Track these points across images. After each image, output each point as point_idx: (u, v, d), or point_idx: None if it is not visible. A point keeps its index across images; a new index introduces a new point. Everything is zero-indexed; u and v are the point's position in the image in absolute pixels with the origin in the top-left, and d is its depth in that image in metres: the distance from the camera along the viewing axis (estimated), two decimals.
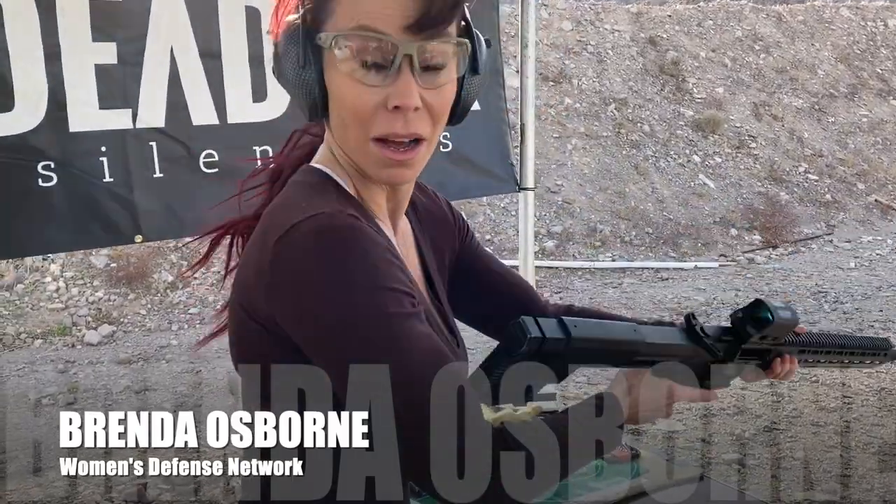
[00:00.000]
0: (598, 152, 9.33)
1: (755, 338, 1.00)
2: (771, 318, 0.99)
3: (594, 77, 10.40)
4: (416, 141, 0.81)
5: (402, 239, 0.95)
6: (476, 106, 2.64)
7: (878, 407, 3.84)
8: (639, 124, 9.97)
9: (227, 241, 0.94)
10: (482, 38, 0.86)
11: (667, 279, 7.03)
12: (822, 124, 11.49)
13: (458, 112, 0.87)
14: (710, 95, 10.89)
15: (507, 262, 1.19)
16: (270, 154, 2.01)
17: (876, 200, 10.00)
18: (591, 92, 10.18)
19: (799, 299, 6.18)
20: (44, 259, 5.70)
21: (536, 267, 6.77)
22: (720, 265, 7.51)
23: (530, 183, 2.63)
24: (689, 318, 0.98)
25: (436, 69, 0.80)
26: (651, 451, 1.63)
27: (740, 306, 1.03)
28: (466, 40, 0.82)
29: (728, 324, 1.03)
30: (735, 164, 9.95)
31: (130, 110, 2.02)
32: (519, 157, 2.64)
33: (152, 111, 2.03)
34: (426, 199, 1.05)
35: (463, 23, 0.83)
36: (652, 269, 7.32)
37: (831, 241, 8.65)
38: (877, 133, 11.56)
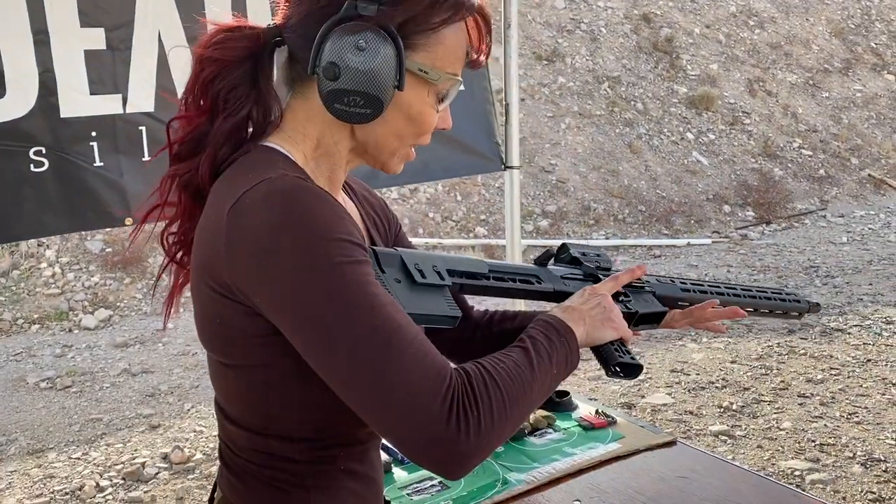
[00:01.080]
0: (591, 131, 9.34)
1: (577, 254, 1.18)
2: (566, 244, 1.20)
3: (587, 55, 10.38)
4: None
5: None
6: (461, 85, 2.68)
7: (863, 378, 3.91)
8: (632, 102, 9.96)
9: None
10: None
11: (659, 256, 7.08)
12: (817, 99, 11.48)
13: None
14: (703, 72, 10.88)
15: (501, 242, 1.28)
16: None
17: (869, 175, 10.03)
18: (585, 70, 10.17)
19: (791, 274, 6.24)
20: (39, 245, 5.74)
21: (530, 246, 6.82)
22: (713, 242, 7.56)
23: (516, 162, 2.67)
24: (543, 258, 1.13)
25: None
26: (627, 418, 1.69)
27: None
28: None
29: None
30: (729, 140, 9.97)
31: (121, 95, 2.05)
32: (504, 136, 2.67)
33: (142, 96, 2.06)
34: (364, 191, 1.14)
35: None
36: (645, 246, 7.37)
37: (824, 217, 8.69)
38: (871, 108, 11.55)
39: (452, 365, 0.82)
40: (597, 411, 1.70)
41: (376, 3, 0.85)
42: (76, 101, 1.96)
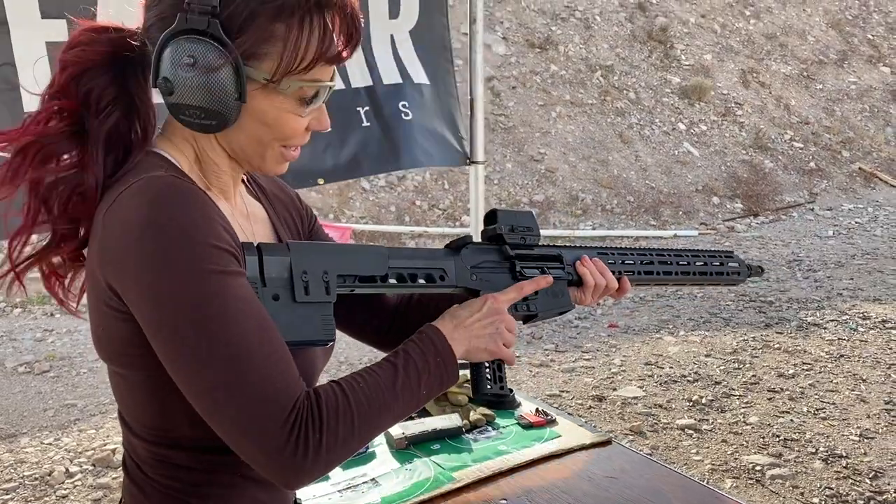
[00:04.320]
0: (582, 120, 9.32)
1: (504, 231, 1.16)
2: (495, 210, 1.17)
3: (581, 43, 10.34)
4: None
5: (252, 219, 1.02)
6: (425, 80, 2.68)
7: (834, 373, 3.93)
8: (625, 91, 9.94)
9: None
10: None
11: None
12: (810, 91, 11.45)
13: None
14: (697, 62, 10.84)
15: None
16: None
17: (860, 168, 10.02)
18: (578, 59, 10.13)
19: (774, 267, 6.25)
20: None
21: None
22: (700, 233, 7.57)
23: (480, 157, 2.67)
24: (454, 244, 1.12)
25: None
26: (567, 417, 1.70)
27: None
28: None
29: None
30: (720, 131, 9.95)
31: None
32: (469, 131, 2.67)
33: None
34: (275, 187, 1.13)
35: None
36: (631, 237, 7.38)
37: (812, 210, 8.70)
38: (864, 100, 11.53)
39: (304, 387, 0.83)
40: (537, 410, 1.72)
41: (208, 14, 0.82)
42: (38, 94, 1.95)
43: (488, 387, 1.07)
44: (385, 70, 2.49)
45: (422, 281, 1.06)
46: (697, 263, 1.38)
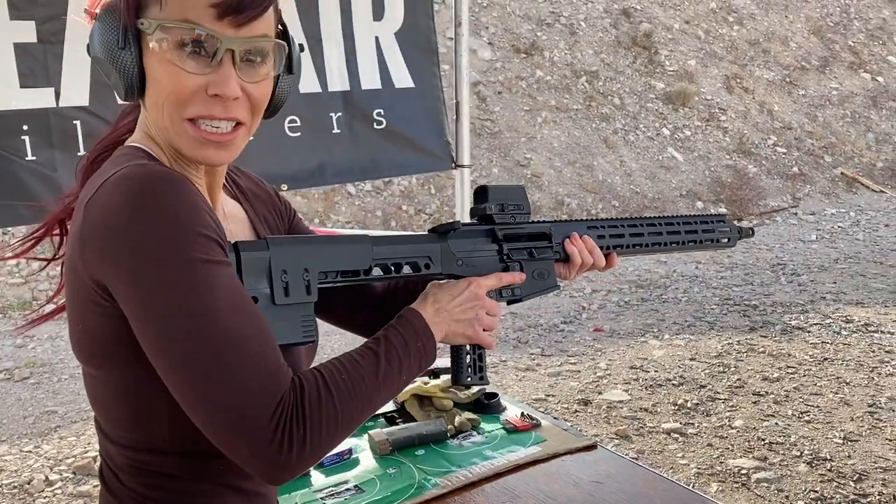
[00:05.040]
0: (567, 125, 9.34)
1: (493, 211, 1.13)
2: (486, 187, 1.14)
3: (566, 49, 10.38)
4: (236, 125, 0.87)
5: (230, 219, 1.00)
6: (411, 83, 2.67)
7: (818, 377, 3.95)
8: (609, 97, 9.98)
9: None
10: (296, 43, 0.94)
11: None
12: (793, 97, 11.56)
13: (272, 107, 0.92)
14: (681, 68, 10.91)
15: None
16: None
17: (842, 173, 10.11)
18: (563, 64, 10.17)
19: (758, 271, 6.29)
20: (4, 233, 5.67)
21: None
22: None
23: (466, 160, 2.66)
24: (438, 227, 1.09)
25: (255, 64, 0.86)
26: (552, 421, 1.69)
27: None
28: (284, 42, 0.90)
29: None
30: (704, 136, 10.01)
31: (53, 89, 2.02)
32: (455, 135, 2.66)
33: (75, 90, 2.04)
34: (252, 184, 1.11)
35: (280, 27, 0.91)
36: None
37: (796, 214, 8.76)
38: (846, 106, 11.65)
39: (290, 378, 0.81)
40: (522, 414, 1.71)
41: None
42: (6, 94, 1.93)
43: (468, 378, 1.08)
44: (366, 74, 2.48)
45: (407, 269, 1.04)
46: (687, 230, 1.38)
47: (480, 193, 1.15)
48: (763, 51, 12.16)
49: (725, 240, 1.44)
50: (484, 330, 1.05)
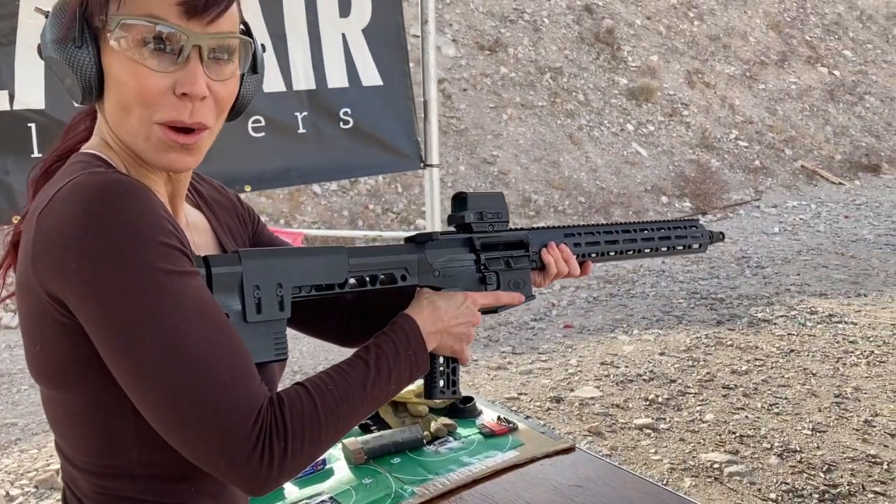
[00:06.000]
0: (533, 122, 9.37)
1: (471, 219, 1.11)
2: (465, 194, 1.11)
3: (530, 46, 10.40)
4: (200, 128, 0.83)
5: (193, 229, 0.96)
6: (379, 81, 2.63)
7: (785, 369, 4.00)
8: (574, 93, 10.03)
9: None
10: (258, 42, 0.91)
11: None
12: (753, 91, 11.74)
13: (237, 108, 0.89)
14: (644, 63, 11.01)
15: None
16: None
17: (802, 166, 10.30)
18: (527, 61, 10.19)
19: (723, 265, 6.36)
20: None
21: None
22: None
23: (435, 160, 2.63)
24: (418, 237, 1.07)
25: (222, 62, 0.82)
26: (529, 424, 1.67)
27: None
28: (250, 39, 0.86)
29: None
30: (668, 131, 10.12)
31: (7, 91, 1.94)
32: (423, 134, 2.63)
33: (30, 92, 1.96)
34: (214, 191, 1.06)
35: (242, 25, 0.87)
36: None
37: (758, 207, 8.90)
38: (804, 99, 11.87)
39: (267, 393, 0.78)
40: (499, 417, 1.68)
41: None
42: None
43: (441, 392, 1.07)
44: (332, 72, 2.43)
45: (383, 278, 1.01)
46: (661, 236, 1.38)
47: (459, 201, 1.13)
48: (723, 46, 12.32)
49: (697, 245, 1.44)
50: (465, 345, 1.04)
